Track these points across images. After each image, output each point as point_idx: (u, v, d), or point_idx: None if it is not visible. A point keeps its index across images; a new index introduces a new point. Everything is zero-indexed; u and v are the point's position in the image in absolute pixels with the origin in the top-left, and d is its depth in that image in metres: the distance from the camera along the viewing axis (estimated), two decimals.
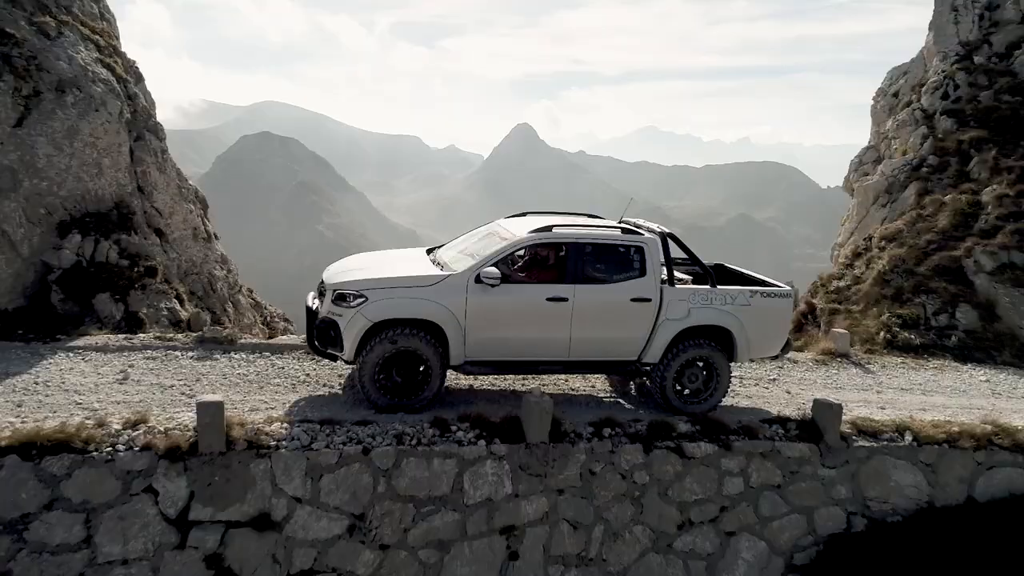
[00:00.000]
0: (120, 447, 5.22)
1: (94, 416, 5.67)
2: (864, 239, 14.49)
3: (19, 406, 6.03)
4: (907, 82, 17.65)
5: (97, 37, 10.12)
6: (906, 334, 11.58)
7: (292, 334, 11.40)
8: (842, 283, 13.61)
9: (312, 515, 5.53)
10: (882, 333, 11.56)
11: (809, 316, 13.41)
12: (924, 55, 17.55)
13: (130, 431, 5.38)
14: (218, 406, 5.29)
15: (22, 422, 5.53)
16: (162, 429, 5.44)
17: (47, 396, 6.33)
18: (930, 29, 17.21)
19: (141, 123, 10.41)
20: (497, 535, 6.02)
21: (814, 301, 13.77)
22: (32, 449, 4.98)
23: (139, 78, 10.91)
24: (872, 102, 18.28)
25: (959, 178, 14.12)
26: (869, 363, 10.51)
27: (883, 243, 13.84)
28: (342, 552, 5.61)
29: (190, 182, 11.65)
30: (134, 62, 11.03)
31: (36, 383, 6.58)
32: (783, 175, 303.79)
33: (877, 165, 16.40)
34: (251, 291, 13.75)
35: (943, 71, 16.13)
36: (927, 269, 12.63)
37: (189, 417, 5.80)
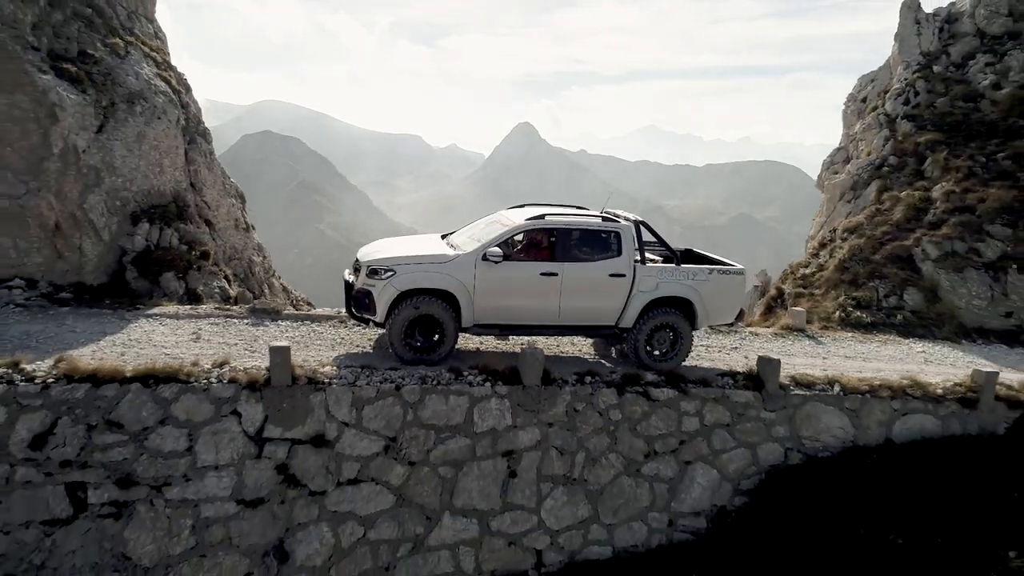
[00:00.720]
0: (213, 380, 6.76)
1: (188, 359, 7.25)
2: (830, 231, 15.97)
3: (122, 355, 7.56)
4: (874, 88, 19.10)
5: (155, 54, 11.64)
6: (859, 313, 13.08)
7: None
8: (808, 270, 15.09)
9: (356, 436, 7.06)
10: (838, 312, 13.06)
11: (778, 299, 14.89)
12: (890, 64, 18.99)
13: (218, 369, 6.91)
14: (286, 349, 6.83)
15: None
16: (242, 368, 6.99)
17: (141, 349, 7.87)
18: (896, 40, 18.64)
19: (193, 128, 11.94)
20: (500, 457, 7.55)
21: (783, 286, 15.26)
22: (150, 379, 6.52)
23: (188, 89, 12.44)
24: (843, 106, 19.76)
25: (914, 176, 15.57)
26: (822, 337, 12.00)
27: (845, 235, 15.32)
28: (379, 466, 7.13)
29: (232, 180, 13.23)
30: (184, 75, 12.57)
31: (130, 339, 8.11)
32: (784, 174, 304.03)
33: (846, 165, 17.87)
34: (279, 276, 15.31)
35: (905, 79, 17.56)
36: (881, 257, 14.11)
37: (255, 364, 7.34)
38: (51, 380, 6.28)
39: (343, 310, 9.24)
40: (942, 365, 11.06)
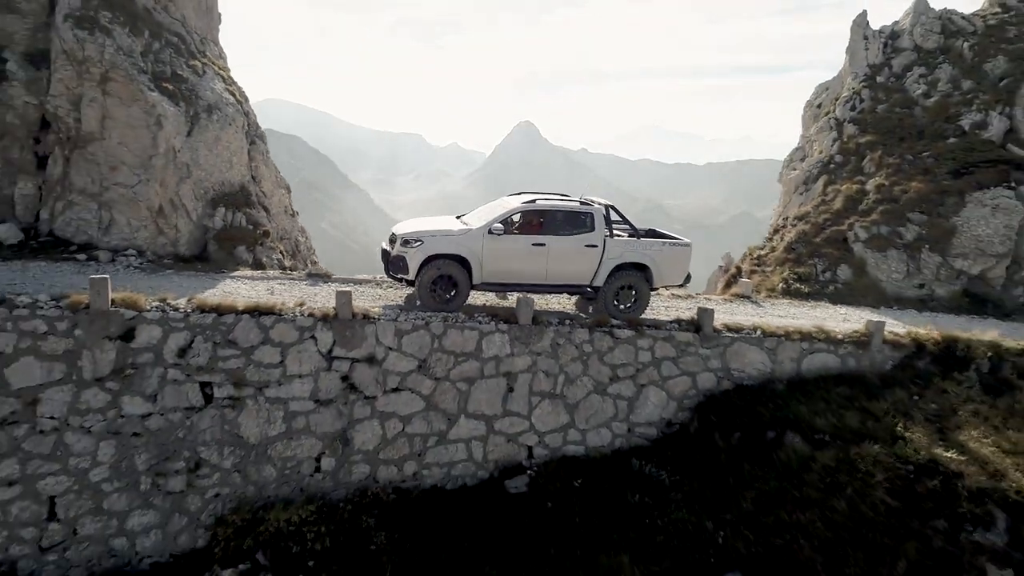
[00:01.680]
0: (297, 314, 9.33)
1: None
2: (783, 219, 18.50)
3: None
4: (828, 95, 21.55)
5: (222, 72, 14.17)
6: (799, 285, 15.61)
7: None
8: (762, 252, 17.61)
9: (397, 357, 9.62)
10: (781, 284, 15.61)
11: (736, 276, 17.37)
12: (842, 74, 21.44)
13: (300, 307, 9.49)
14: (349, 293, 9.40)
15: None
16: (317, 307, 9.57)
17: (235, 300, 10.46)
18: (847, 53, 21.07)
19: (253, 132, 14.48)
20: (501, 376, 10.09)
21: (741, 265, 17.81)
22: (255, 312, 9.10)
23: (246, 99, 14.98)
24: (803, 111, 22.24)
25: (855, 172, 18.02)
26: (763, 303, 14.53)
27: (795, 221, 17.83)
28: (414, 380, 9.69)
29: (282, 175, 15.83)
30: (242, 88, 15.11)
31: (224, 292, 10.67)
32: None
33: (802, 162, 20.35)
34: (315, 255, 17.88)
35: (853, 88, 20.01)
36: (821, 240, 16.62)
37: (324, 305, 9.90)
38: (189, 311, 8.86)
39: (380, 276, 11.85)
40: (858, 324, 13.59)
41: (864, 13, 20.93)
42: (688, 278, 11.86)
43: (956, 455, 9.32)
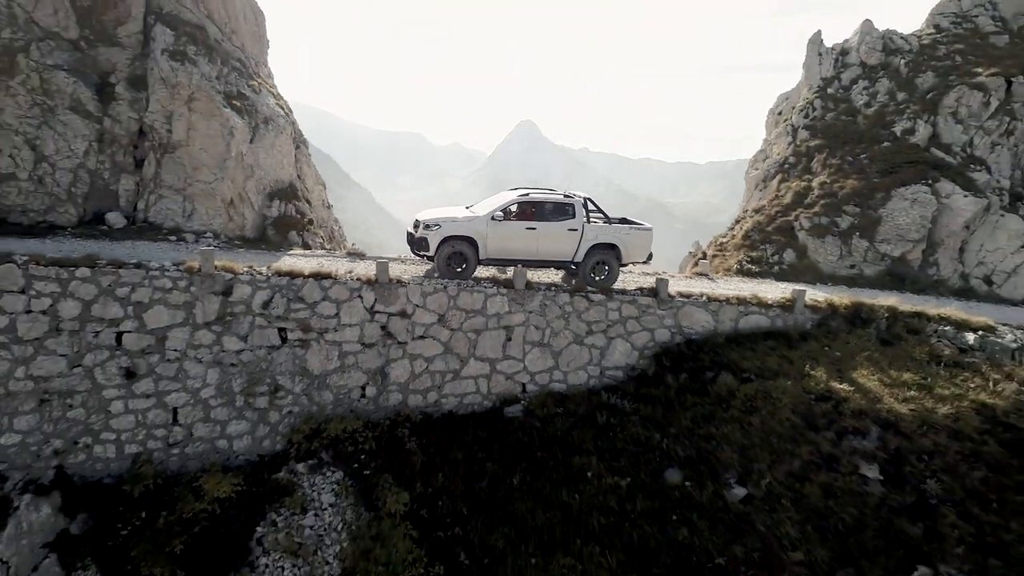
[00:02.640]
0: (347, 279, 12.22)
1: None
2: (743, 212, 21.33)
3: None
4: (787, 104, 24.31)
5: (273, 89, 17.03)
6: (751, 266, 18.46)
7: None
8: (724, 239, 20.45)
9: (423, 312, 12.48)
10: (736, 266, 18.47)
11: (702, 260, 20.24)
12: (800, 86, 24.21)
13: (349, 274, 12.38)
14: (387, 263, 12.29)
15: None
16: (362, 272, 12.45)
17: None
18: (804, 68, 23.85)
19: (298, 138, 17.33)
20: (501, 329, 12.94)
21: (706, 251, 20.68)
22: (317, 276, 11.99)
23: (291, 111, 17.83)
24: (767, 118, 25.00)
25: (804, 172, 20.82)
26: (718, 280, 17.38)
27: (752, 213, 20.67)
28: (435, 330, 12.54)
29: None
30: (287, 101, 17.98)
31: (287, 264, 13.56)
32: None
33: (764, 163, 23.14)
34: (346, 240, 20.76)
35: (807, 98, 22.77)
36: (772, 229, 19.45)
37: (364, 274, 12.77)
38: (269, 275, 11.76)
39: (404, 255, 14.74)
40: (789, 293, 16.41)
41: (819, 32, 23.72)
42: (650, 256, 14.68)
43: (847, 387, 12.20)
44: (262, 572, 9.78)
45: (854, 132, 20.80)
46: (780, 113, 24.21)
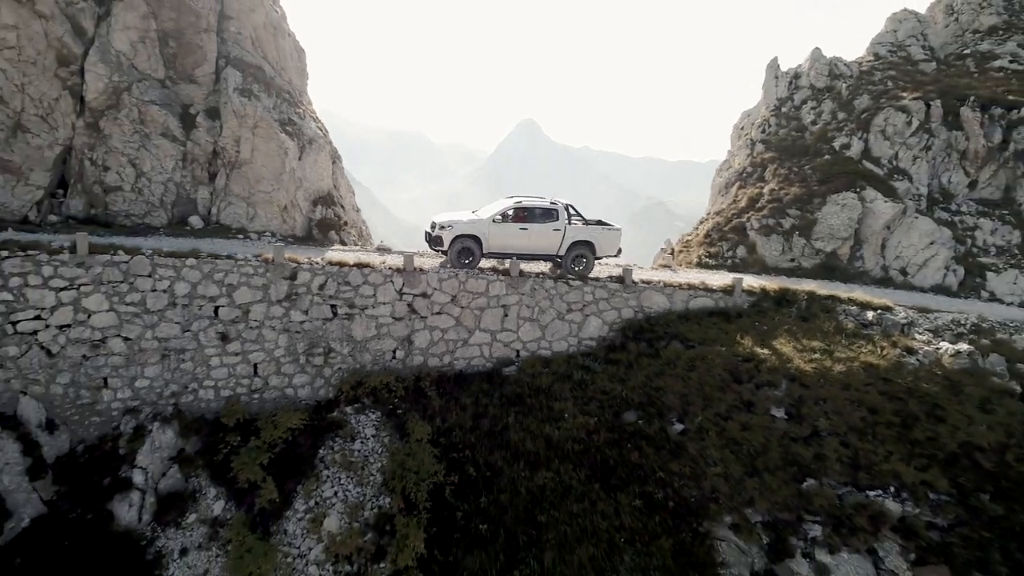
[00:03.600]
0: (381, 267, 15.68)
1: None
2: (707, 213, 24.75)
3: None
4: (749, 120, 27.65)
5: (313, 113, 20.48)
6: (708, 260, 21.88)
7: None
8: (690, 237, 23.89)
9: (439, 294, 15.91)
10: (696, 259, 21.90)
11: (672, 255, 23.68)
12: (759, 105, 27.57)
13: (382, 263, 15.84)
14: (413, 255, 15.76)
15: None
16: (392, 262, 15.94)
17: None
18: (763, 90, 27.19)
19: (334, 155, 20.78)
20: (500, 307, 16.38)
21: (675, 247, 24.12)
22: (359, 265, 15.45)
23: (327, 132, 21.26)
24: (731, 132, 28.35)
25: (758, 180, 24.19)
26: (679, 271, 20.81)
27: (714, 215, 24.08)
28: (449, 307, 15.98)
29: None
30: (323, 123, 21.42)
31: (333, 257, 17.06)
32: None
33: (726, 172, 26.52)
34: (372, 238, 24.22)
35: (764, 116, 26.11)
36: (728, 228, 22.86)
37: (393, 264, 16.24)
38: (324, 264, 15.24)
39: (422, 249, 18.21)
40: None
41: (776, 58, 27.06)
42: (619, 251, 18.14)
43: (767, 351, 15.65)
44: (325, 480, 13.30)
45: (801, 146, 24.18)
46: (742, 128, 27.63)
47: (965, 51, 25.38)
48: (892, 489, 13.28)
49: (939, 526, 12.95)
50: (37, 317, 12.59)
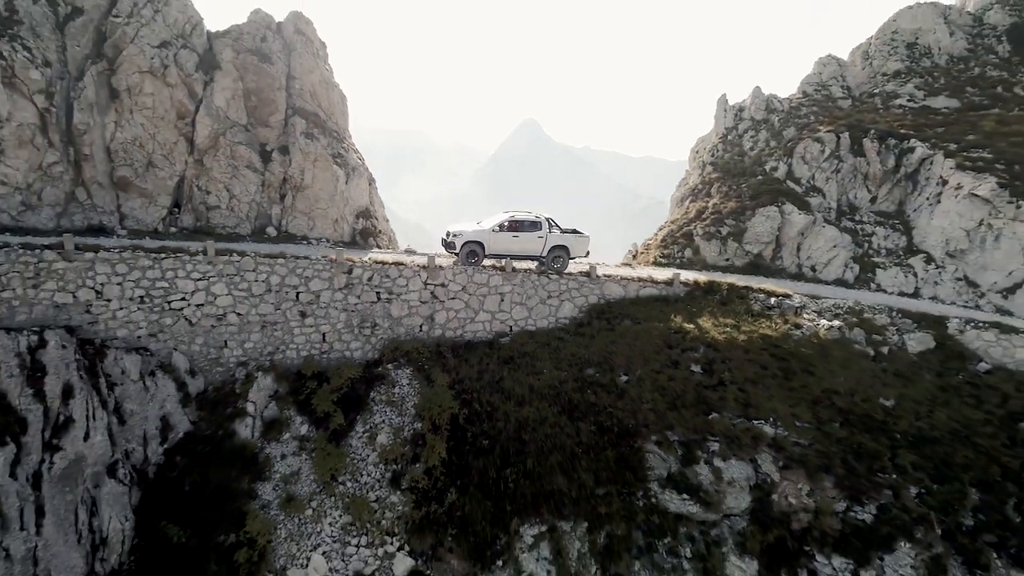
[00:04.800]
0: (411, 264, 21.23)
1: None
2: (665, 222, 30.29)
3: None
4: (703, 145, 33.10)
5: (354, 147, 26.02)
6: (662, 260, 27.39)
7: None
8: (650, 241, 29.41)
9: (453, 284, 21.25)
10: (652, 259, 27.44)
11: (634, 256, 29.20)
12: (711, 132, 32.99)
13: (412, 262, 21.40)
14: (434, 255, 21.37)
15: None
16: (418, 261, 21.51)
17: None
18: (715, 120, 32.57)
19: (369, 178, 26.34)
20: (498, 294, 21.66)
21: (639, 249, 29.66)
22: (395, 263, 21.01)
23: (364, 159, 26.74)
24: (689, 154, 33.75)
25: (706, 195, 29.66)
26: (637, 268, 26.34)
27: (670, 224, 29.60)
28: (460, 294, 21.36)
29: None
30: (361, 153, 26.92)
31: (375, 257, 22.63)
32: None
33: (683, 187, 31.98)
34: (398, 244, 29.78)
35: (714, 142, 31.52)
36: (679, 235, 28.36)
37: (419, 262, 21.82)
38: (370, 262, 20.79)
39: (437, 252, 23.82)
40: (688, 274, 25.39)
41: (724, 94, 32.56)
42: (588, 254, 23.68)
43: (691, 326, 21.16)
44: (375, 412, 18.88)
45: (741, 168, 29.66)
46: (697, 152, 33.13)
47: (875, 90, 30.78)
48: (770, 420, 18.79)
49: (800, 444, 18.47)
50: (183, 298, 18.19)
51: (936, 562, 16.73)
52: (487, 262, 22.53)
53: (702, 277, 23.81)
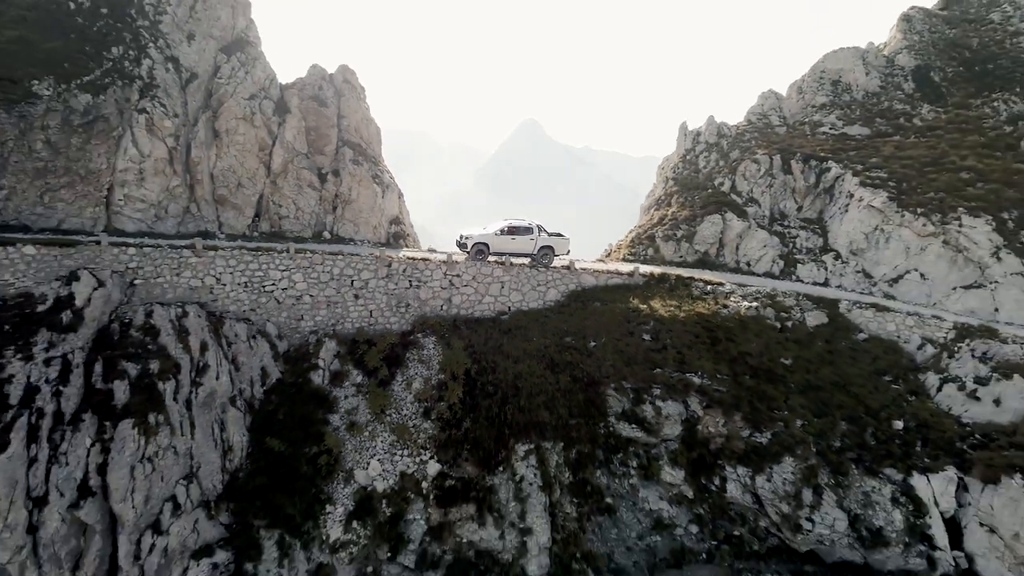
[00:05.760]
0: (435, 260, 27.85)
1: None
2: (634, 227, 36.84)
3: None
4: (667, 163, 39.58)
5: (386, 167, 32.59)
6: (630, 257, 33.92)
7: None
8: (622, 241, 35.96)
9: (466, 275, 27.76)
10: (622, 256, 34.00)
11: (609, 254, 35.75)
12: (673, 153, 39.48)
13: (435, 258, 28.08)
14: (451, 254, 27.99)
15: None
16: (439, 257, 28.18)
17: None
18: (676, 142, 39.03)
19: (399, 193, 32.94)
20: (499, 282, 28.15)
21: (613, 248, 36.23)
22: (422, 259, 27.64)
23: (394, 177, 33.30)
24: (657, 169, 40.26)
25: (667, 205, 36.13)
26: (608, 263, 32.87)
27: (638, 228, 36.16)
28: (471, 282, 27.89)
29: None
30: (391, 172, 33.47)
31: (408, 255, 29.27)
32: None
33: (651, 197, 38.46)
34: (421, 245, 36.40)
35: (675, 162, 37.99)
36: (644, 237, 34.87)
37: (441, 258, 28.47)
38: (404, 258, 27.40)
39: (453, 251, 30.55)
40: (649, 266, 31.99)
41: (685, 122, 39.10)
42: (568, 252, 30.27)
43: (645, 306, 27.77)
44: (410, 367, 25.52)
45: (695, 183, 36.17)
46: (662, 168, 39.69)
47: (805, 119, 37.23)
48: (699, 373, 25.32)
49: (719, 390, 24.95)
50: (272, 284, 24.77)
51: (810, 470, 23.27)
52: (491, 258, 29.15)
53: (657, 270, 30.44)
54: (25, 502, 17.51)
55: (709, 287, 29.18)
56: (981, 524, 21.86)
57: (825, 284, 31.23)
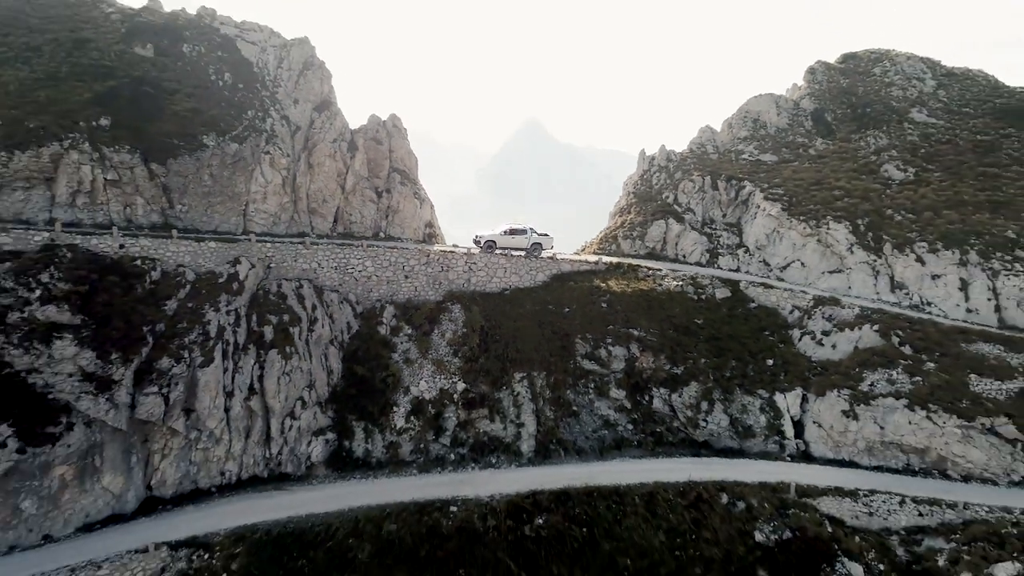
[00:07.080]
0: (458, 252, 39.25)
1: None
2: (604, 229, 48.15)
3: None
4: (630, 179, 50.71)
5: (422, 186, 43.93)
6: (600, 251, 45.01)
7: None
8: (595, 239, 47.24)
9: (481, 262, 39.18)
10: (594, 251, 45.33)
11: (584, 249, 47.04)
12: (635, 173, 50.63)
13: (459, 251, 39.48)
14: (469, 248, 39.51)
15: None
16: (461, 250, 39.62)
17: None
18: (637, 165, 50.15)
19: (431, 204, 44.24)
20: (503, 268, 39.69)
21: (588, 245, 47.56)
22: (451, 252, 39.18)
23: (426, 193, 44.52)
24: (623, 184, 51.40)
25: (628, 213, 47.04)
26: (582, 255, 44.27)
27: (607, 230, 47.45)
28: (483, 267, 39.33)
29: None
30: (425, 188, 44.67)
31: (441, 249, 40.73)
32: None
33: (618, 205, 49.66)
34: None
35: (635, 180, 49.09)
36: (610, 236, 46.06)
37: (464, 251, 39.96)
38: (439, 251, 38.84)
39: (471, 247, 42.14)
40: (623, 261, 43.32)
41: (643, 149, 50.33)
42: (552, 247, 41.69)
43: (605, 285, 39.05)
44: (444, 325, 36.92)
45: (648, 196, 47.39)
46: (626, 184, 51.00)
47: (732, 148, 48.38)
48: (638, 328, 36.76)
49: (651, 340, 36.27)
50: (351, 267, 36.22)
51: (708, 390, 34.47)
52: (497, 251, 40.61)
53: (615, 260, 41.79)
54: (223, 394, 28.98)
55: (651, 272, 40.59)
56: (814, 422, 33.23)
57: (737, 271, 42.57)
